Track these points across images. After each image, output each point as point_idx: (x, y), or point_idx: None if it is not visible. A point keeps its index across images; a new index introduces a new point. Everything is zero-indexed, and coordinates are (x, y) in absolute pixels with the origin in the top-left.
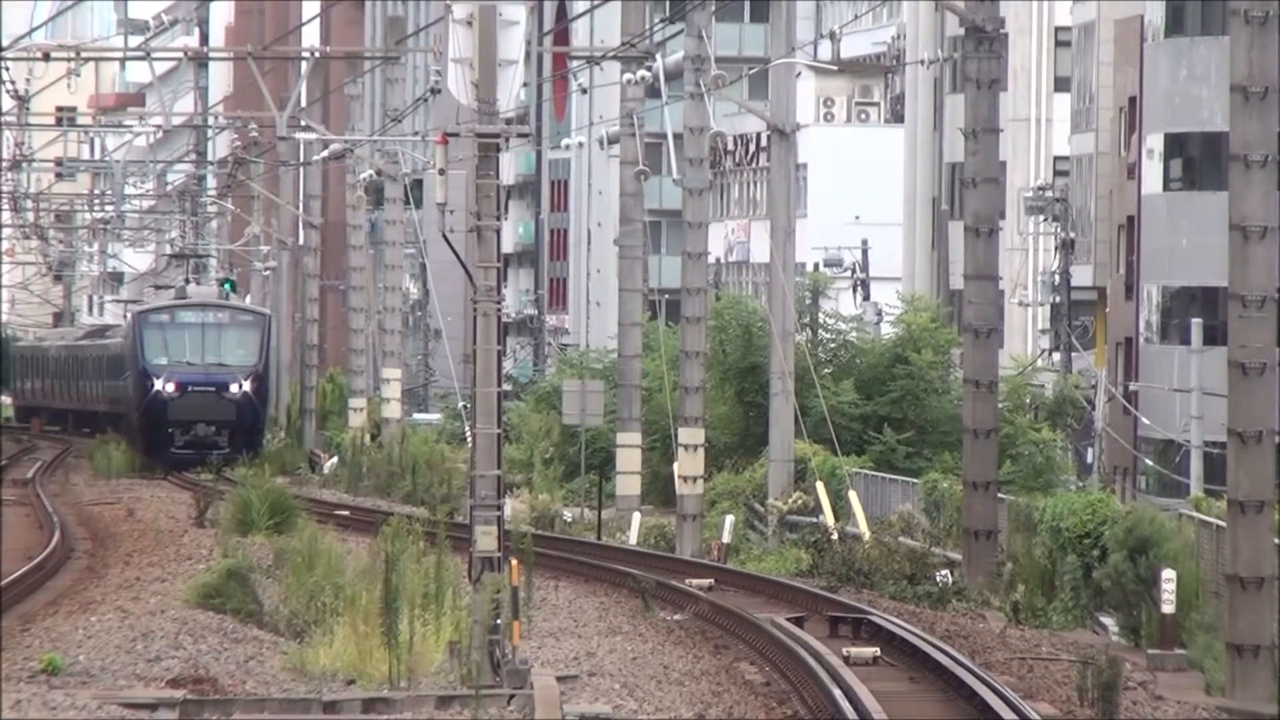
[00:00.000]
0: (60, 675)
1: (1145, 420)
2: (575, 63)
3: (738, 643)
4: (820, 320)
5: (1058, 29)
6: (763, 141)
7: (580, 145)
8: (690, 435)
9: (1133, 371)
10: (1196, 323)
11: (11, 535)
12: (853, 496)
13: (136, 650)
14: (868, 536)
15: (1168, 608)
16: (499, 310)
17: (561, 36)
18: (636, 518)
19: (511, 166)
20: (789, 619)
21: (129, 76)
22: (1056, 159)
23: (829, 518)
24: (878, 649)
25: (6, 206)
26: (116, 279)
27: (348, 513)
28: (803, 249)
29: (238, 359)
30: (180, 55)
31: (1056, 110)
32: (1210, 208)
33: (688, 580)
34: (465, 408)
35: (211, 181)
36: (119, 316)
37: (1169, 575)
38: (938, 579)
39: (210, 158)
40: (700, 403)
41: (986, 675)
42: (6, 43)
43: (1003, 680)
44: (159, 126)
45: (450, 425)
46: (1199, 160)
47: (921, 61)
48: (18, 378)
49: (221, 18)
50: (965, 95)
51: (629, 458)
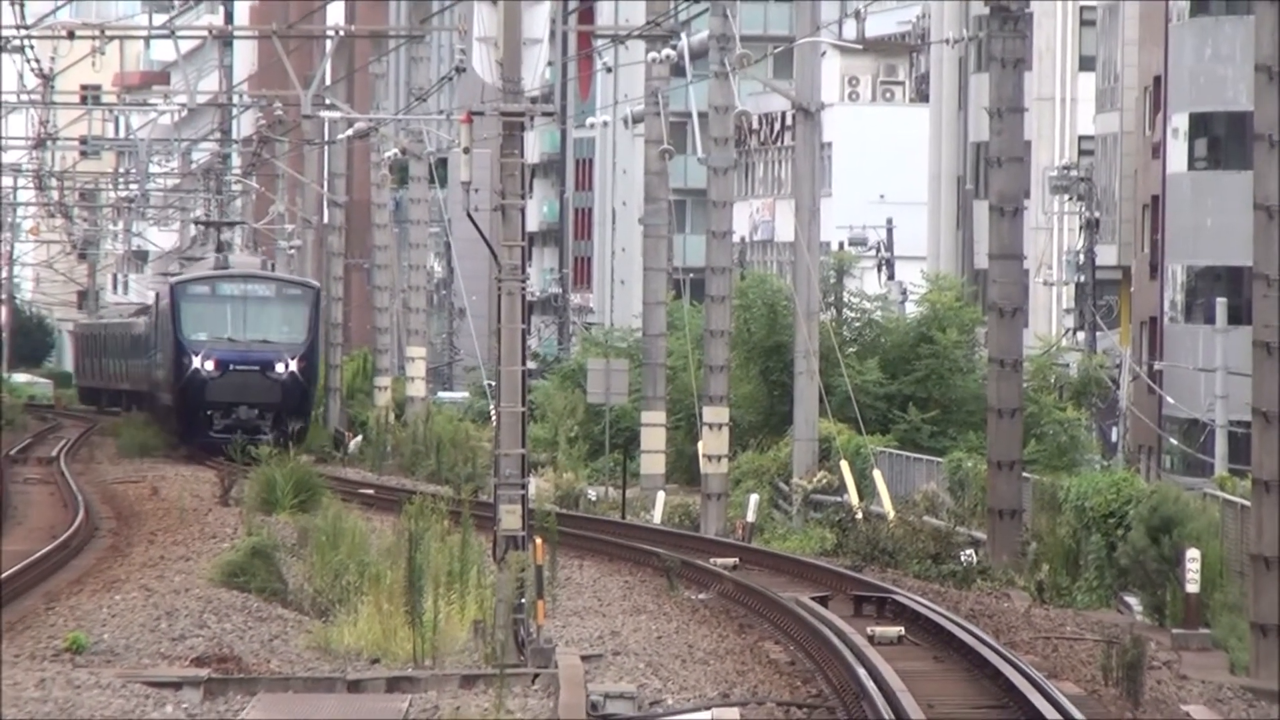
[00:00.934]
0: (85, 654)
1: (1170, 399)
2: (600, 41)
3: (762, 622)
4: (845, 299)
5: (1083, 8)
6: (788, 120)
7: (605, 124)
8: (715, 414)
9: (1157, 351)
10: (1221, 302)
11: (36, 514)
12: (877, 476)
13: (161, 629)
14: (892, 516)
15: (1192, 587)
16: (524, 289)
17: (586, 15)
18: (661, 497)
19: (536, 145)
20: (813, 598)
21: (154, 55)
22: (1081, 138)
23: (853, 497)
24: (902, 628)
25: (31, 185)
26: (141, 257)
27: (372, 491)
28: (827, 228)
29: (284, 336)
30: (205, 34)
31: (1081, 89)
32: (1235, 187)
33: (712, 559)
34: (490, 386)
35: (236, 160)
36: (142, 295)
37: (1193, 555)
38: (962, 558)
39: (235, 136)
40: (725, 381)
41: (1011, 654)
42: (31, 21)
43: (1027, 659)
44: (184, 105)
45: (475, 404)
46: (1224, 140)
47: (946, 40)
48: (83, 357)
49: None
50: (990, 74)
51: (653, 436)
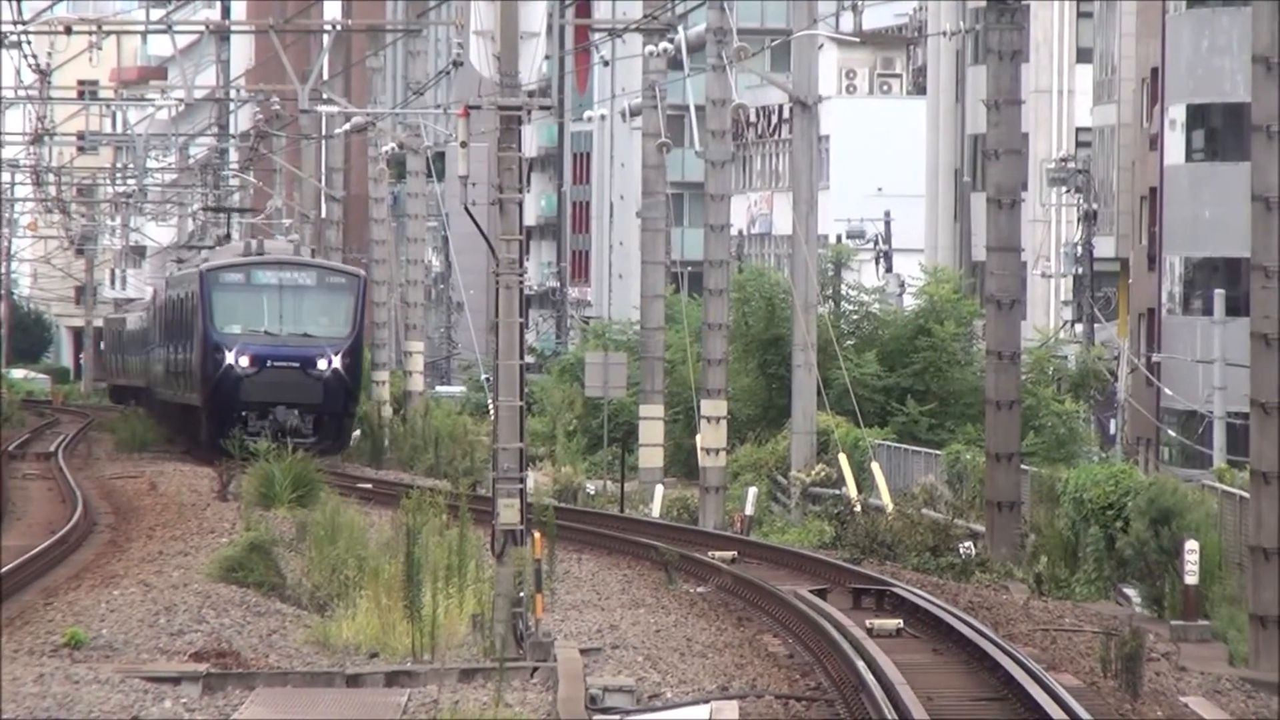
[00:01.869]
0: (83, 649)
1: (1168, 391)
2: (597, 35)
3: (761, 615)
4: (843, 292)
5: (1079, 0)
6: (785, 113)
7: (602, 118)
8: (713, 407)
9: (1155, 342)
10: (1219, 293)
11: (35, 509)
12: (875, 468)
13: (159, 624)
14: (891, 508)
15: (1191, 579)
16: (521, 283)
17: (583, 9)
18: (659, 490)
19: (534, 139)
20: (812, 591)
21: (151, 50)
22: (1079, 130)
23: (852, 490)
24: (901, 621)
25: (29, 180)
26: (139, 252)
27: (370, 486)
28: (825, 221)
29: (326, 329)
30: (202, 28)
31: (1079, 81)
32: (1232, 179)
33: (711, 553)
34: (488, 380)
35: (234, 155)
36: (140, 290)
37: (1192, 546)
38: (961, 551)
39: (232, 131)
40: (723, 375)
41: (1010, 647)
42: (28, 16)
43: (1026, 652)
44: (181, 100)
45: (473, 398)
46: (1221, 131)
47: (943, 33)
48: (112, 353)
49: None
50: (987, 67)
51: (652, 430)
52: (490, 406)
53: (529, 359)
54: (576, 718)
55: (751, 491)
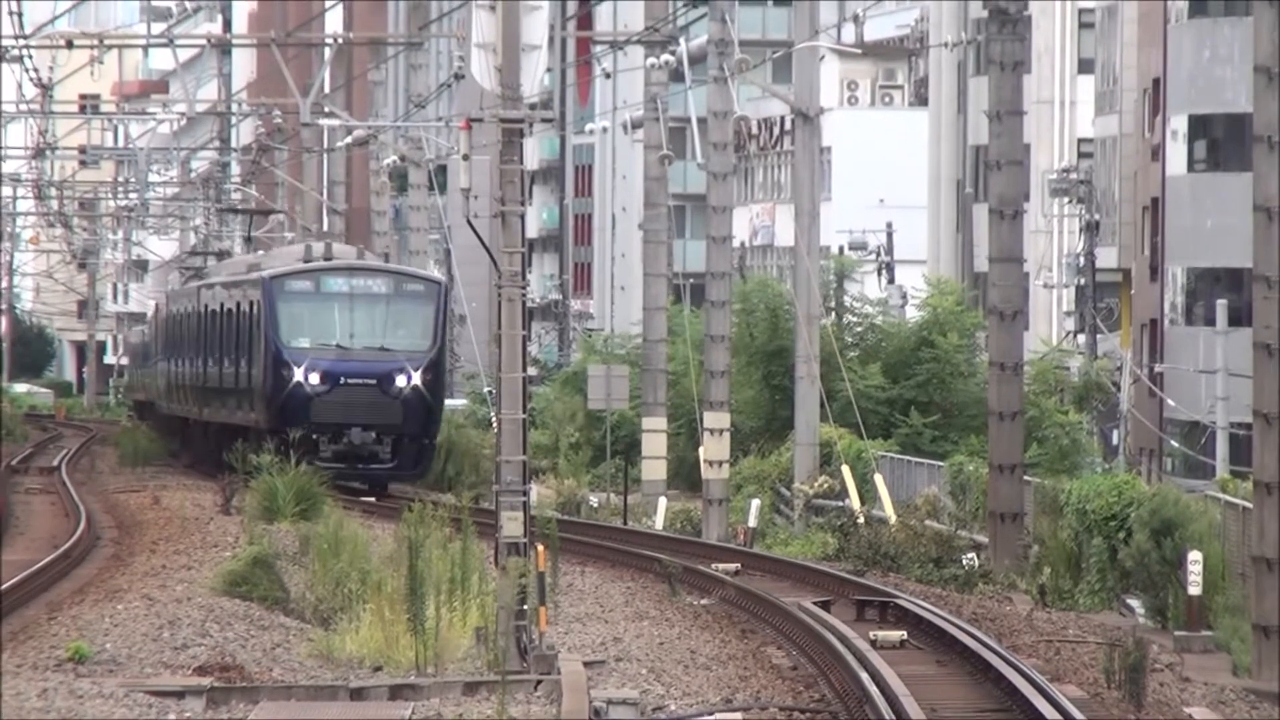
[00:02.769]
0: (87, 663)
1: (1171, 402)
2: (599, 47)
3: (764, 627)
4: (845, 304)
5: (1081, 10)
6: (787, 125)
7: (604, 130)
8: (716, 419)
9: (1158, 353)
10: (1221, 304)
11: (38, 523)
12: (879, 480)
13: (163, 638)
14: (894, 520)
15: (1194, 589)
16: (524, 295)
17: (585, 21)
18: (663, 502)
19: (536, 151)
20: (816, 603)
21: (152, 64)
22: (1080, 141)
23: (855, 501)
24: (905, 632)
25: (31, 194)
26: (141, 266)
27: (374, 499)
28: (827, 232)
29: (404, 342)
30: (203, 42)
31: (1080, 92)
32: (1234, 189)
33: (714, 565)
34: (490, 393)
35: (235, 168)
36: (142, 305)
37: (1195, 557)
38: (964, 562)
39: (234, 144)
40: (725, 387)
41: (1014, 658)
42: (30, 30)
43: (1030, 663)
44: (183, 114)
45: (476, 410)
46: (1223, 141)
47: (945, 44)
48: (139, 368)
49: (244, 4)
50: (989, 77)
51: (655, 442)
52: (493, 419)
53: (532, 371)
54: None
55: (755, 503)
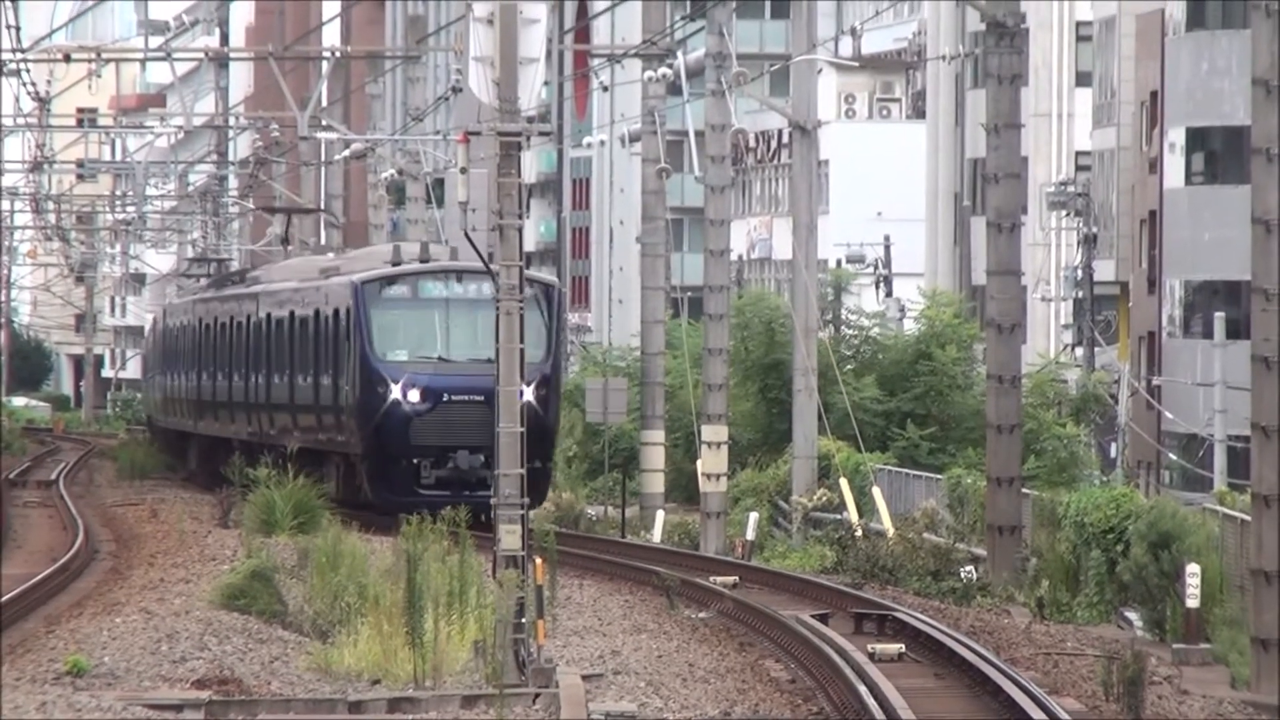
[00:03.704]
0: (85, 676)
1: (1169, 414)
2: (596, 60)
3: (763, 640)
4: (843, 316)
5: (1079, 23)
6: (784, 138)
7: (602, 143)
8: (714, 432)
9: (1156, 366)
10: (1219, 316)
11: (36, 537)
12: (876, 493)
13: (161, 651)
14: (892, 533)
15: (1192, 602)
16: (521, 309)
17: (582, 34)
18: (660, 515)
19: (533, 165)
20: (814, 616)
21: (150, 77)
22: (1078, 154)
23: (853, 514)
24: (903, 645)
25: (28, 208)
26: (139, 280)
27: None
28: (825, 245)
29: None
30: (201, 56)
31: (1078, 105)
32: (1232, 201)
33: (712, 578)
34: None
35: (233, 182)
36: (140, 318)
37: (1193, 570)
38: (962, 575)
39: (231, 158)
40: (724, 400)
41: (1012, 671)
42: (27, 44)
43: (1028, 676)
44: (180, 127)
45: None
46: (1221, 154)
47: (943, 57)
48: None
49: (242, 18)
50: (986, 90)
51: (653, 455)
52: None
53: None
54: None
55: (753, 516)
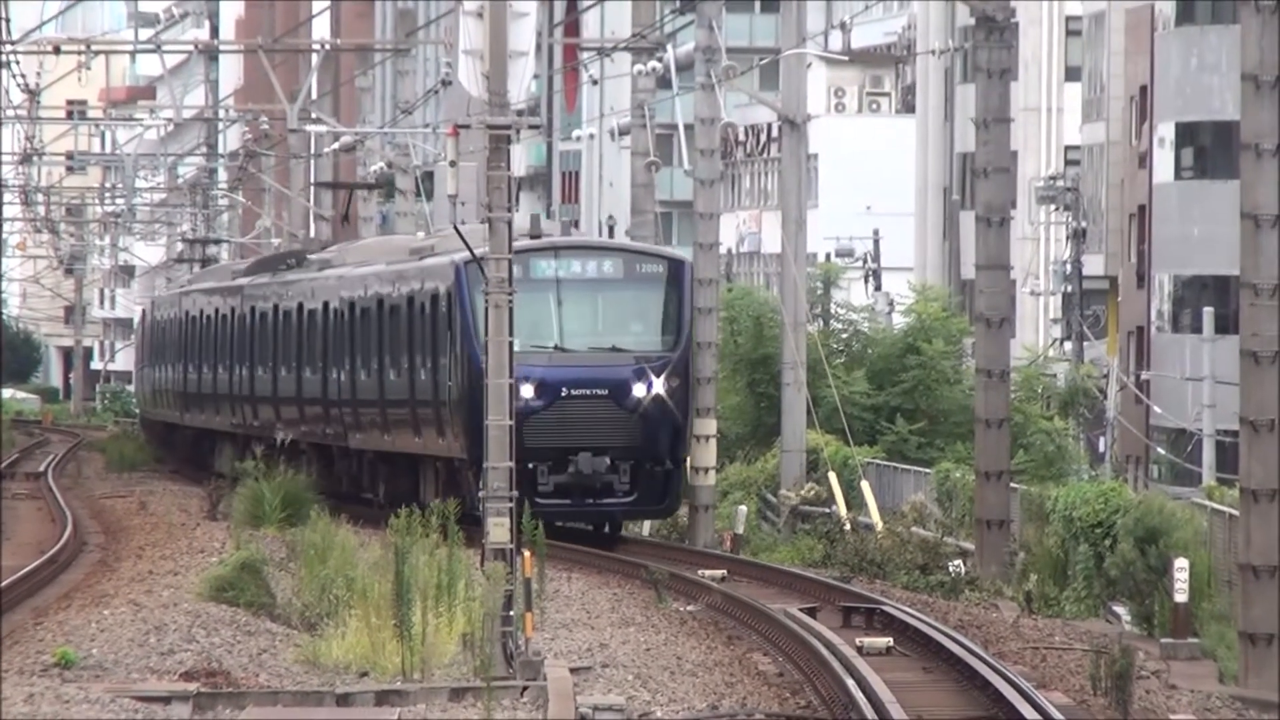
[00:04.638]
0: (73, 669)
1: (1157, 409)
2: (586, 54)
3: (751, 633)
4: (832, 310)
5: (1068, 18)
6: (774, 132)
7: (591, 137)
8: (702, 426)
9: (1145, 360)
10: (1208, 311)
11: (24, 529)
12: (865, 487)
13: (149, 643)
14: (880, 527)
15: (1180, 597)
16: (511, 302)
17: (572, 28)
18: None
19: (522, 158)
20: (802, 610)
21: (139, 70)
22: (1068, 148)
23: (841, 508)
24: (891, 639)
25: (17, 200)
26: (128, 272)
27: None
28: (814, 239)
29: (642, 339)
30: (190, 48)
31: (1067, 100)
32: (1222, 196)
33: (700, 571)
34: None
35: (222, 174)
36: (128, 309)
37: (1182, 564)
38: (950, 569)
39: (221, 151)
40: (712, 393)
41: (1000, 665)
42: (16, 36)
43: (1016, 670)
44: (170, 120)
45: None
46: (1210, 149)
47: (932, 51)
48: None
49: (231, 10)
50: (976, 85)
51: None
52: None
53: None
54: None
55: (741, 510)
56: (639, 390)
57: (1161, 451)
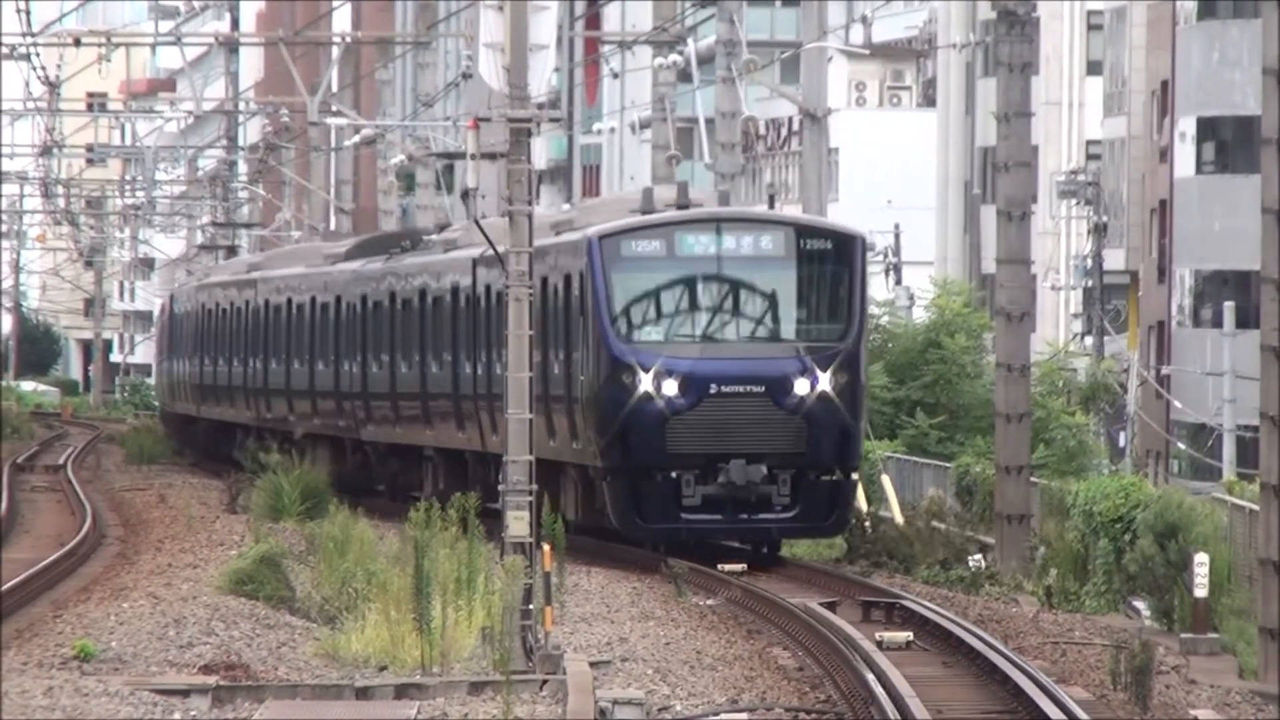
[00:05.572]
0: (93, 661)
1: (1178, 404)
2: (607, 47)
3: (770, 628)
4: None
5: (1090, 12)
6: (794, 126)
7: (612, 130)
8: None
9: (1165, 355)
10: (1229, 306)
11: (43, 522)
12: (885, 481)
13: (169, 637)
14: (900, 521)
15: (1200, 592)
16: (531, 295)
17: (593, 21)
18: None
19: (543, 151)
20: (822, 604)
21: (160, 62)
22: (1089, 143)
23: (862, 503)
24: (911, 634)
25: (38, 193)
26: (148, 265)
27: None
28: None
29: (809, 328)
30: (211, 40)
31: (1089, 94)
32: (1243, 191)
33: (720, 565)
34: None
35: (243, 167)
36: (148, 303)
37: (1202, 559)
38: (971, 563)
39: (241, 143)
40: None
41: (1020, 659)
42: (37, 28)
43: (1036, 664)
44: (190, 112)
45: None
46: (1231, 143)
47: (953, 45)
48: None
49: (252, 3)
50: (997, 79)
51: None
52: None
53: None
54: None
55: None
56: (802, 387)
57: (1182, 446)
